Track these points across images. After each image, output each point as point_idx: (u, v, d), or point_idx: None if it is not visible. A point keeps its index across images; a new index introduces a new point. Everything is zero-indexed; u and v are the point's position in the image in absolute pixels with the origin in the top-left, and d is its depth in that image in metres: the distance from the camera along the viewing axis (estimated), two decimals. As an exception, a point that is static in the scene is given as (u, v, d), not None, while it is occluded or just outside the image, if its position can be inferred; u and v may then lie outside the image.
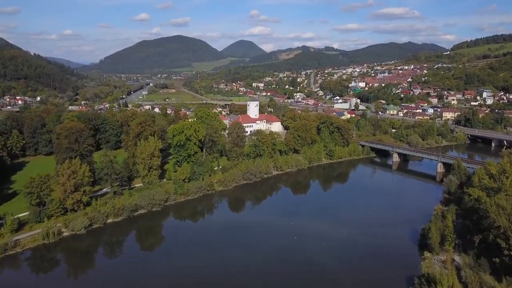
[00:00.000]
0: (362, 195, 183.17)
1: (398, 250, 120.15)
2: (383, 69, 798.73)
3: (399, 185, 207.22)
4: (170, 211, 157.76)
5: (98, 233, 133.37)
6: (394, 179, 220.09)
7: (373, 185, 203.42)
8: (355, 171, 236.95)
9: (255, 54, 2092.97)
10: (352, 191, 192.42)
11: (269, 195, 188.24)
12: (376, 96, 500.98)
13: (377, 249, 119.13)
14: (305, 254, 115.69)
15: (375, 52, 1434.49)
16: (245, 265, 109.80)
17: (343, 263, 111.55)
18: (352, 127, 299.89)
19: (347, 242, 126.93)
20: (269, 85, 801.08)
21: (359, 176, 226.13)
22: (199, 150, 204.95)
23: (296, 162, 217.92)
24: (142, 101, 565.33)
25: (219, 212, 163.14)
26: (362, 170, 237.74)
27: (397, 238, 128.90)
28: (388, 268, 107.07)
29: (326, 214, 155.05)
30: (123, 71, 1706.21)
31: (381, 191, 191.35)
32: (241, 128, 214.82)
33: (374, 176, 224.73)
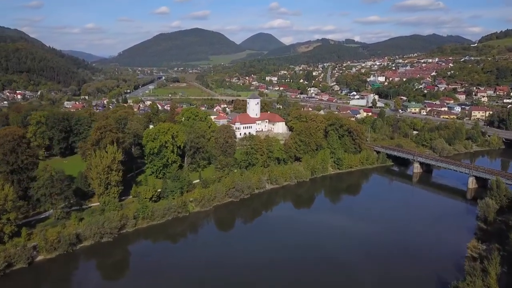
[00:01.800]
0: (371, 219, 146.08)
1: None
2: (405, 62, 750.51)
3: (420, 203, 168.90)
4: (125, 242, 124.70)
5: (16, 278, 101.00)
6: (414, 195, 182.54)
7: (387, 203, 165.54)
8: (367, 183, 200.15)
9: (274, 47, 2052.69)
10: (359, 212, 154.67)
11: (255, 218, 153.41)
12: (397, 92, 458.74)
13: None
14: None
15: (397, 44, 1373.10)
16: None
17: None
18: (367, 129, 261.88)
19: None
20: (283, 78, 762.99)
21: (371, 190, 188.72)
22: (179, 158, 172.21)
23: (295, 173, 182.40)
24: (147, 96, 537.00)
25: (183, 248, 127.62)
26: (376, 182, 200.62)
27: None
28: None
29: (321, 249, 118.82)
30: (141, 64, 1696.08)
31: (396, 212, 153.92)
32: (230, 132, 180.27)
33: (390, 191, 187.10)
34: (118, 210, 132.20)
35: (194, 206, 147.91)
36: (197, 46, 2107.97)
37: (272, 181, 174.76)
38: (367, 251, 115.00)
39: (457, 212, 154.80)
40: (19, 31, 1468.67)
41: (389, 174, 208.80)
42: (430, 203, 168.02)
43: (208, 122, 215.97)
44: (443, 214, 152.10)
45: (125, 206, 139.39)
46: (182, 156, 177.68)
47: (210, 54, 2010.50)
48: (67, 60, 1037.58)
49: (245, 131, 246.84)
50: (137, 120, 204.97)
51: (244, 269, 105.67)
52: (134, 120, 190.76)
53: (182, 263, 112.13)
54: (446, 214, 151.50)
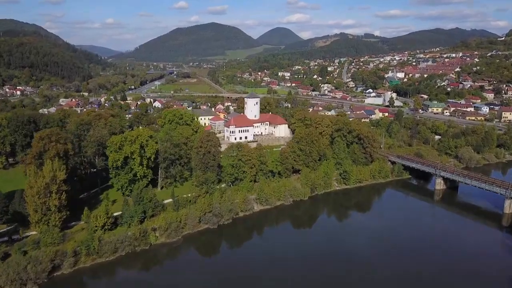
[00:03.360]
0: (381, 250, 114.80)
1: None
2: (427, 57, 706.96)
3: (443, 229, 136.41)
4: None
5: None
6: (435, 217, 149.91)
7: (401, 230, 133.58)
8: (379, 201, 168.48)
9: (291, 41, 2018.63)
10: (366, 246, 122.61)
11: (233, 255, 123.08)
12: (417, 90, 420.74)
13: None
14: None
15: (418, 39, 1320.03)
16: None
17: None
18: (381, 133, 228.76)
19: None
20: (297, 74, 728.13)
21: (383, 212, 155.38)
22: (150, 172, 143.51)
23: (291, 190, 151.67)
24: (150, 93, 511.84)
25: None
26: (389, 201, 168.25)
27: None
28: None
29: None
30: (157, 59, 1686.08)
31: (413, 242, 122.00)
32: (214, 141, 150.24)
33: (406, 212, 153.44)
34: (57, 243, 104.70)
35: (158, 236, 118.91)
36: (214, 41, 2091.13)
37: (262, 201, 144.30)
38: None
39: (491, 243, 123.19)
40: (38, 26, 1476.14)
41: (405, 190, 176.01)
42: (456, 230, 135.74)
43: (194, 126, 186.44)
44: (473, 244, 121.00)
45: (70, 236, 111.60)
46: (153, 170, 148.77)
47: (226, 49, 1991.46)
48: (79, 54, 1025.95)
49: (241, 135, 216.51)
50: (111, 123, 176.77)
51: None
52: (99, 126, 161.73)
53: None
54: (478, 244, 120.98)
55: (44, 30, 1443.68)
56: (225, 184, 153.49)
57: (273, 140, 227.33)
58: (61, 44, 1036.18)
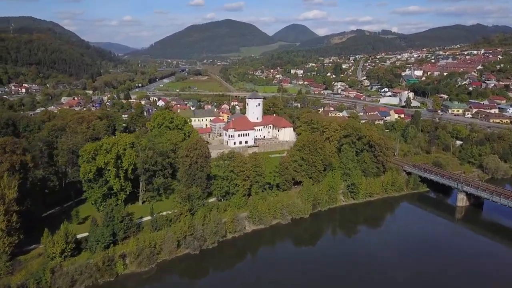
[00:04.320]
0: (399, 278, 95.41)
1: None
2: (446, 54, 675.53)
3: (471, 254, 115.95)
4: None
5: None
6: (457, 238, 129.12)
7: (421, 254, 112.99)
8: (391, 217, 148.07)
9: (307, 38, 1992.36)
10: (381, 268, 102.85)
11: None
12: (436, 89, 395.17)
13: None
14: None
15: (438, 35, 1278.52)
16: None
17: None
18: (396, 137, 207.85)
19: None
20: (310, 72, 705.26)
21: (396, 230, 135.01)
22: (128, 185, 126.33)
23: (289, 207, 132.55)
24: (157, 91, 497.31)
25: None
26: (404, 218, 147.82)
27: None
28: None
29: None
30: (172, 56, 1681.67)
31: (437, 267, 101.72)
32: (202, 149, 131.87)
33: (424, 232, 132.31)
34: (4, 274, 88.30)
35: (127, 265, 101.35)
36: (228, 38, 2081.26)
37: (255, 219, 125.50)
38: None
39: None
40: (55, 23, 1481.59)
41: (422, 205, 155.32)
42: (485, 255, 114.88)
43: (187, 130, 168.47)
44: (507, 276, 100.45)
45: (23, 265, 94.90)
46: (132, 182, 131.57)
47: (241, 46, 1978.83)
48: (92, 51, 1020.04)
49: (241, 139, 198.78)
50: (94, 127, 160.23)
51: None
52: (70, 131, 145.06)
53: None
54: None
55: (60, 28, 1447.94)
56: (215, 198, 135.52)
57: (276, 145, 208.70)
58: (74, 41, 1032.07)
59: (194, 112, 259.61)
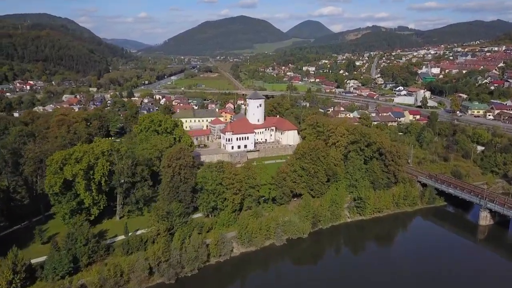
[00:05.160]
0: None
1: None
2: (465, 50, 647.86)
3: (489, 282, 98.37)
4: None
5: None
6: (478, 262, 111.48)
7: (430, 283, 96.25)
8: (403, 238, 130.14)
9: (321, 34, 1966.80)
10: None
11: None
12: (454, 88, 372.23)
13: None
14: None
15: (456, 31, 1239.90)
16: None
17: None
18: (410, 143, 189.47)
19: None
20: (323, 69, 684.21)
21: (409, 253, 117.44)
22: (102, 198, 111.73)
23: (285, 225, 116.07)
24: (163, 89, 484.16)
25: None
26: (417, 237, 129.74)
27: None
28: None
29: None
30: (185, 53, 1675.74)
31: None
32: (186, 159, 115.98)
33: (439, 253, 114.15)
34: None
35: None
36: (242, 34, 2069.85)
37: (244, 240, 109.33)
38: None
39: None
40: (69, 20, 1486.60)
41: (439, 222, 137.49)
42: (509, 286, 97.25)
43: (177, 135, 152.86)
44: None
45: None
46: (107, 196, 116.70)
47: (255, 42, 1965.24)
48: (103, 48, 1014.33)
49: (240, 143, 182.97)
50: (76, 130, 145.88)
51: None
52: (61, 133, 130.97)
53: None
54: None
55: (75, 24, 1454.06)
56: (202, 213, 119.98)
57: (279, 149, 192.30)
58: (86, 38, 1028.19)
59: (194, 112, 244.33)
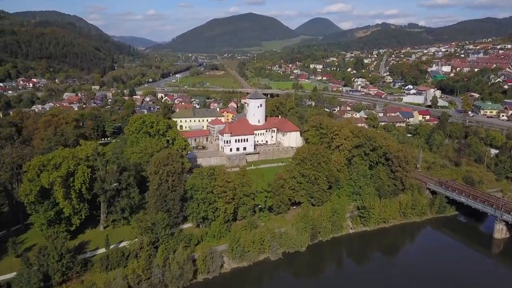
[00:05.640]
0: None
1: None
2: (477, 48, 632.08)
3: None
4: None
5: None
6: (493, 277, 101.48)
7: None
8: (411, 250, 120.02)
9: (330, 32, 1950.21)
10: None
11: None
12: (466, 87, 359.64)
13: None
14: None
15: (467, 28, 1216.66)
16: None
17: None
18: (419, 146, 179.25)
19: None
20: (330, 66, 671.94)
21: (415, 266, 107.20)
22: (84, 207, 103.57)
23: (280, 238, 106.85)
24: (167, 87, 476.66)
25: None
26: (426, 250, 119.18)
27: None
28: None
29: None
30: (193, 50, 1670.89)
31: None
32: (173, 165, 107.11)
33: (450, 268, 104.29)
34: None
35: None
36: (250, 32, 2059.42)
37: (235, 255, 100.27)
38: None
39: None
40: (78, 18, 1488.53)
41: (450, 233, 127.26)
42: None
43: (170, 137, 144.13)
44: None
45: None
46: (89, 204, 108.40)
47: (263, 39, 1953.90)
48: (110, 45, 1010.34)
49: (238, 145, 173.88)
50: (62, 132, 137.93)
51: None
52: (47, 135, 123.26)
53: None
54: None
55: (84, 22, 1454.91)
56: (192, 223, 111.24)
57: (280, 151, 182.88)
58: (93, 35, 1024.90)
59: (194, 111, 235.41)
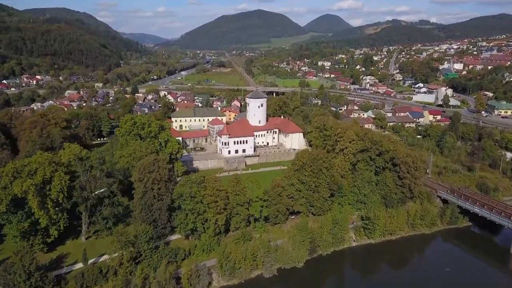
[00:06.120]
0: None
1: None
2: (490, 45, 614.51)
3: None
4: None
5: None
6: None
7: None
8: (420, 265, 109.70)
9: (340, 29, 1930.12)
10: None
11: None
12: (479, 85, 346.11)
13: None
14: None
15: (480, 25, 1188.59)
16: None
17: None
18: (429, 148, 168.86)
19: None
20: (339, 64, 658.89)
21: (424, 283, 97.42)
22: (63, 217, 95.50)
23: (276, 253, 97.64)
24: (172, 84, 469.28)
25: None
26: (436, 265, 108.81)
27: None
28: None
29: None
30: (201, 47, 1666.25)
31: None
32: (159, 171, 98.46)
33: (463, 286, 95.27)
34: None
35: None
36: (259, 29, 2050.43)
37: (225, 272, 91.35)
38: None
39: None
40: (88, 15, 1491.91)
41: (462, 245, 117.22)
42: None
43: (163, 139, 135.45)
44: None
45: None
46: (68, 214, 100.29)
47: (271, 36, 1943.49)
48: (118, 42, 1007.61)
49: (237, 147, 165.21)
50: (49, 133, 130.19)
51: None
52: (32, 136, 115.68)
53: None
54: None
55: (93, 19, 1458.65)
56: (181, 235, 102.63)
57: (281, 154, 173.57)
58: (101, 32, 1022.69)
59: (194, 111, 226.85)
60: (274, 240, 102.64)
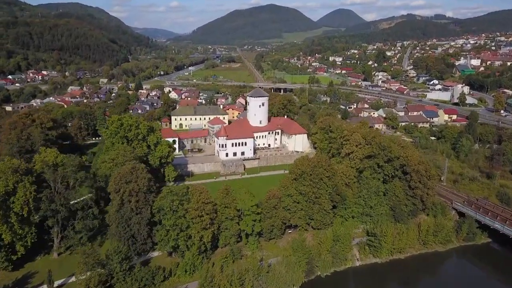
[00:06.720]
0: None
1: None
2: (509, 40, 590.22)
3: None
4: None
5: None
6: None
7: None
8: (432, 285, 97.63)
9: (353, 23, 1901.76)
10: None
11: None
12: (497, 82, 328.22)
13: None
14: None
15: (498, 19, 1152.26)
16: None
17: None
18: (444, 153, 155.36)
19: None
20: (351, 59, 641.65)
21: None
22: (32, 231, 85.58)
23: (267, 276, 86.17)
24: (178, 80, 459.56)
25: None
26: (450, 286, 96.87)
27: None
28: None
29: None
30: (213, 42, 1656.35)
31: None
32: (137, 182, 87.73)
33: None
34: None
35: None
36: (271, 23, 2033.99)
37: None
38: None
39: None
40: (100, 9, 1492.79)
41: (480, 265, 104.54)
42: None
43: (151, 142, 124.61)
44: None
45: None
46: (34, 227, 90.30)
47: (284, 31, 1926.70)
48: (128, 37, 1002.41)
49: (236, 150, 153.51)
50: (29, 135, 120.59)
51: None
52: (11, 139, 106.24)
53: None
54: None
55: (105, 14, 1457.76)
56: (162, 252, 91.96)
57: (284, 157, 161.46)
58: (112, 27, 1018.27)
59: (195, 109, 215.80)
60: (267, 259, 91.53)
